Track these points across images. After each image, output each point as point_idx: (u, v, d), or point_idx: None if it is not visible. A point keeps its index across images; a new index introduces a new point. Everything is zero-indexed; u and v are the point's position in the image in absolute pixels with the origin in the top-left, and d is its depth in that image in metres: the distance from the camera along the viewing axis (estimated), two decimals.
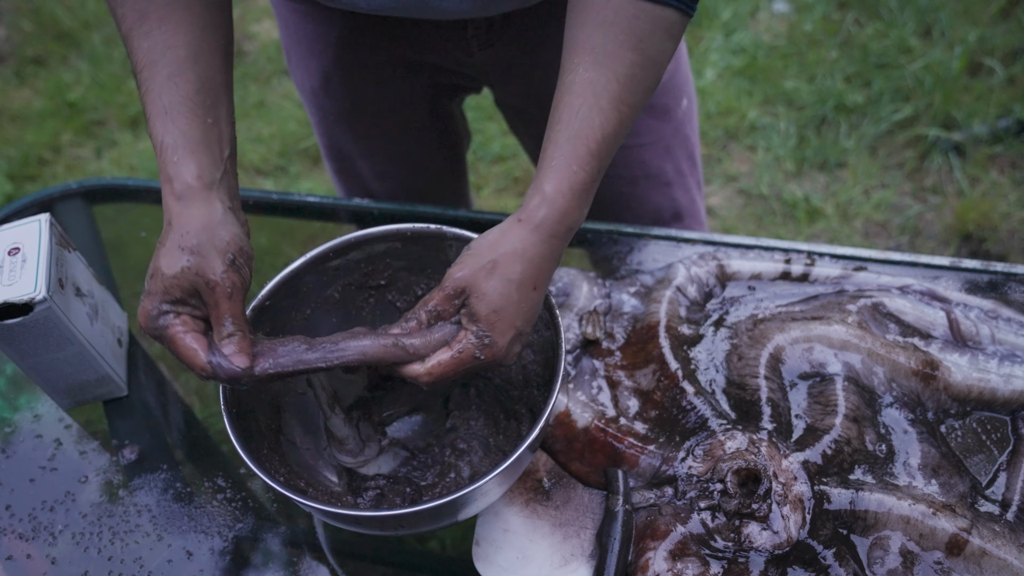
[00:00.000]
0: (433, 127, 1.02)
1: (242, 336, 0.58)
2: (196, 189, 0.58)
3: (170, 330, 0.57)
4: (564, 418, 0.72)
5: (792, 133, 1.98)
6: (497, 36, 0.85)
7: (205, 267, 0.57)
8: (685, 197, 1.03)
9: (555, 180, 0.59)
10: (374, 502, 0.71)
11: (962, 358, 0.73)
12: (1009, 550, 0.62)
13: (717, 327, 0.78)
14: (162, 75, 0.59)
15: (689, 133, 1.00)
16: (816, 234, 1.80)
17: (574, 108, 0.59)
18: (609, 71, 0.59)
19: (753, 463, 0.64)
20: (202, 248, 0.57)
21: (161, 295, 0.57)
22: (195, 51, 0.60)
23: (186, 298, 0.58)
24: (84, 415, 0.84)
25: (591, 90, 0.59)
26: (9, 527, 0.75)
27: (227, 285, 0.57)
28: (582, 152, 0.59)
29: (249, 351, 0.58)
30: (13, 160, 2.21)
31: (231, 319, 0.58)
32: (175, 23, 0.60)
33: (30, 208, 1.01)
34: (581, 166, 0.59)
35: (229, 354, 0.57)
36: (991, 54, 2.00)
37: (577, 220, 0.61)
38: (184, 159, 0.58)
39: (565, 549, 0.66)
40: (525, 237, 0.59)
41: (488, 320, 0.59)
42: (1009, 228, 1.75)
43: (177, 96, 0.59)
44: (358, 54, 0.90)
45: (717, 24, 2.23)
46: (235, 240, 0.58)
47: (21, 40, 2.56)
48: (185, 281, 0.57)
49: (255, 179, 2.11)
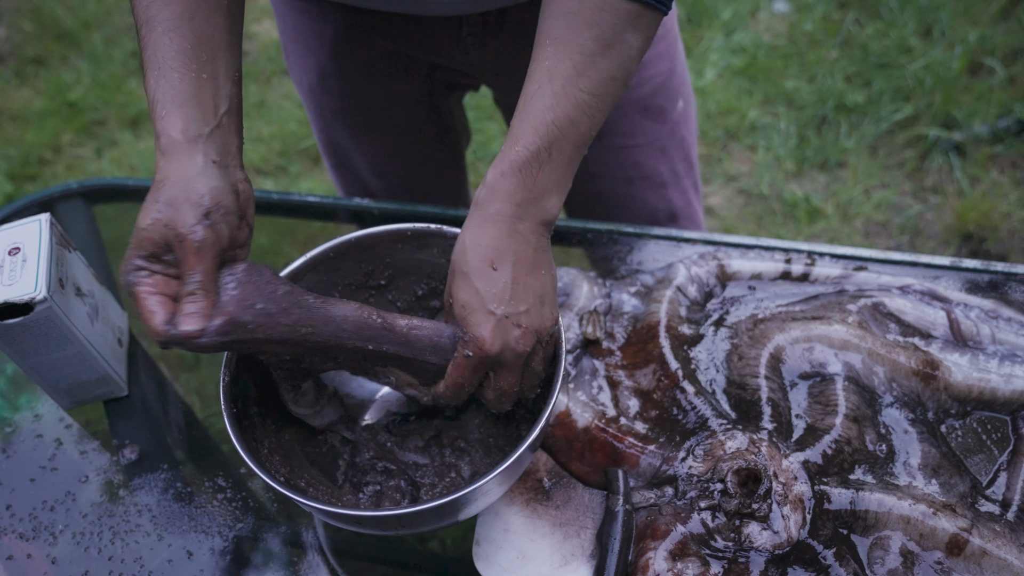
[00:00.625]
0: (431, 124, 1.02)
1: (204, 294, 0.55)
2: (179, 143, 0.57)
3: (137, 287, 0.55)
4: (564, 418, 0.72)
5: (792, 133, 1.98)
6: (492, 34, 0.85)
7: (175, 219, 0.55)
8: (681, 199, 1.03)
9: (497, 165, 0.60)
10: (374, 501, 0.71)
11: (962, 358, 0.73)
12: (1009, 550, 0.62)
13: (717, 327, 0.78)
14: (158, 31, 0.58)
15: (685, 135, 1.00)
16: (816, 234, 1.80)
17: (528, 95, 0.60)
18: (565, 57, 0.59)
19: (753, 463, 0.64)
20: (175, 200, 0.55)
21: (135, 250, 0.56)
22: (193, 8, 0.59)
23: (160, 253, 0.56)
24: (84, 415, 0.84)
25: (547, 76, 0.59)
26: (9, 527, 0.75)
27: (196, 239, 0.55)
28: (527, 131, 0.59)
29: (206, 312, 0.55)
30: (13, 160, 2.21)
31: (196, 275, 0.55)
32: None
33: (30, 208, 1.01)
34: (524, 145, 0.59)
35: (180, 315, 0.54)
36: (991, 54, 2.00)
37: (527, 198, 0.60)
38: (170, 113, 0.57)
39: (565, 549, 0.66)
40: (469, 226, 0.60)
41: (460, 316, 0.60)
42: (1009, 228, 1.75)
43: (171, 51, 0.58)
44: (354, 51, 0.90)
45: (717, 24, 2.23)
46: (213, 193, 0.56)
47: (21, 40, 2.56)
48: (156, 234, 0.55)
49: (255, 179, 2.11)
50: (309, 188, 2.04)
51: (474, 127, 2.08)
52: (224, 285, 0.57)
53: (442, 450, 0.73)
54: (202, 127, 0.58)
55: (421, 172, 1.08)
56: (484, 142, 2.08)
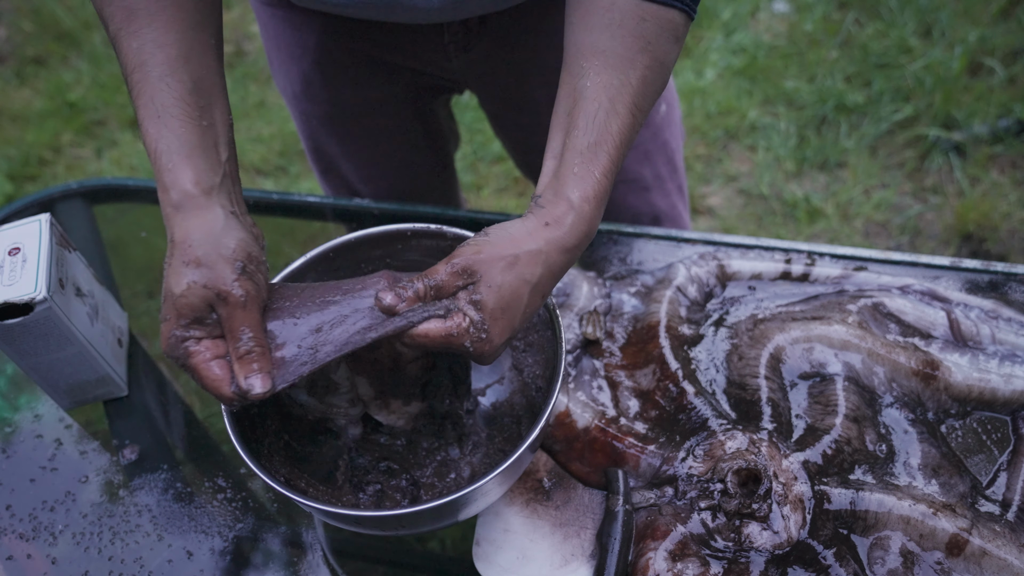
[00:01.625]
0: (417, 128, 1.02)
1: (261, 351, 0.55)
2: (194, 196, 0.55)
3: (192, 360, 0.54)
4: (564, 418, 0.72)
5: (792, 133, 1.98)
6: (474, 41, 0.85)
7: (214, 279, 0.54)
8: (664, 202, 1.03)
9: (581, 189, 0.57)
10: (375, 501, 0.71)
11: (962, 358, 0.73)
12: (1009, 550, 0.62)
13: (717, 327, 0.78)
14: (153, 76, 0.56)
15: (668, 138, 1.00)
16: (816, 234, 1.80)
17: (590, 114, 0.58)
18: (623, 75, 0.58)
19: (753, 463, 0.64)
20: (208, 259, 0.54)
21: (175, 320, 0.54)
22: (187, 50, 0.57)
23: (202, 317, 0.55)
24: (84, 415, 0.84)
25: (606, 95, 0.58)
26: (9, 527, 0.75)
27: (239, 295, 0.54)
28: (604, 160, 0.58)
29: (268, 369, 0.55)
30: (13, 160, 2.21)
31: (247, 331, 0.54)
32: (165, 21, 0.57)
33: (30, 208, 1.01)
34: (604, 174, 0.58)
35: (247, 377, 0.54)
36: (991, 54, 2.00)
37: (595, 230, 0.59)
38: (179, 165, 0.55)
39: (565, 549, 0.66)
40: (551, 241, 0.57)
41: (493, 315, 0.56)
42: (1009, 228, 1.75)
43: (170, 98, 0.56)
44: (337, 58, 0.90)
45: (717, 24, 2.24)
46: (242, 246, 0.55)
47: (21, 40, 2.56)
48: (195, 298, 0.54)
49: (255, 179, 2.11)
50: (309, 188, 2.04)
51: (474, 127, 2.08)
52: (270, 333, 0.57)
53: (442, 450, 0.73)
54: (213, 178, 0.56)
55: (409, 176, 1.08)
56: (484, 142, 2.08)
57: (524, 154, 1.04)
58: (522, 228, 0.57)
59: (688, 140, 2.02)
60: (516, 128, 0.99)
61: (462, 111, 2.09)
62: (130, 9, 0.57)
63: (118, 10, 0.57)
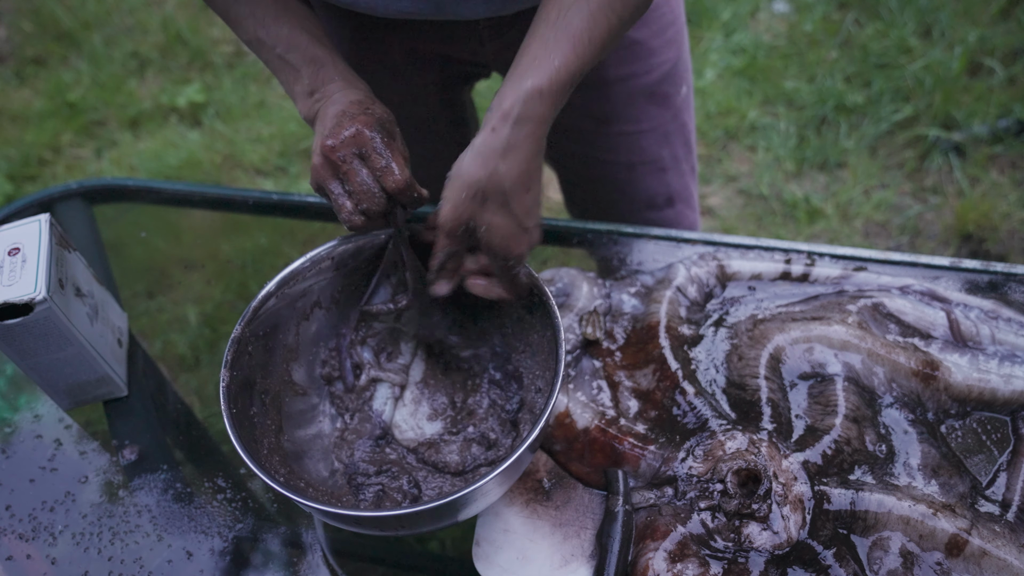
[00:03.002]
0: (443, 117, 1.02)
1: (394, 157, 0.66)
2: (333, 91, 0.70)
3: (352, 170, 0.65)
4: (564, 418, 0.72)
5: (792, 133, 1.98)
6: (508, 27, 0.86)
7: (375, 115, 0.66)
8: (679, 182, 1.04)
9: (532, 76, 0.60)
10: (374, 501, 0.70)
11: (962, 358, 0.73)
12: (1009, 550, 0.62)
13: (717, 327, 0.78)
14: (308, 47, 0.71)
15: (687, 120, 1.01)
16: (816, 234, 1.80)
17: (563, 6, 0.60)
18: None
19: (753, 463, 0.64)
20: (361, 105, 0.67)
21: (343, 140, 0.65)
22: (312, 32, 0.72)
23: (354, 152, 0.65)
24: (84, 415, 0.84)
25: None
26: (9, 527, 0.75)
27: (391, 122, 0.66)
28: (565, 49, 0.59)
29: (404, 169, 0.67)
30: (13, 160, 2.21)
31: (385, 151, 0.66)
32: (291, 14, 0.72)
33: (30, 208, 1.01)
34: (564, 65, 0.60)
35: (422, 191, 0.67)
36: (991, 54, 2.00)
37: (553, 117, 0.62)
38: (342, 74, 0.71)
39: (565, 549, 0.66)
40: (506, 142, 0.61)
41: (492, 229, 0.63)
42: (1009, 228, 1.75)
43: (324, 53, 0.71)
44: (371, 46, 0.91)
45: (717, 24, 2.24)
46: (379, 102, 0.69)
47: (21, 40, 2.56)
48: (350, 136, 0.65)
49: (255, 179, 2.11)
50: (308, 189, 2.04)
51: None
52: None
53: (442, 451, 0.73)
54: (354, 79, 0.71)
55: (433, 166, 1.08)
56: None
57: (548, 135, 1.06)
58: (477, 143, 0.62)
59: None
60: None
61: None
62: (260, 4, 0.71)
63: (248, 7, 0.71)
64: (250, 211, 1.00)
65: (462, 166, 0.62)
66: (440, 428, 0.74)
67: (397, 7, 0.75)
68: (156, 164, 2.14)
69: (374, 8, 0.76)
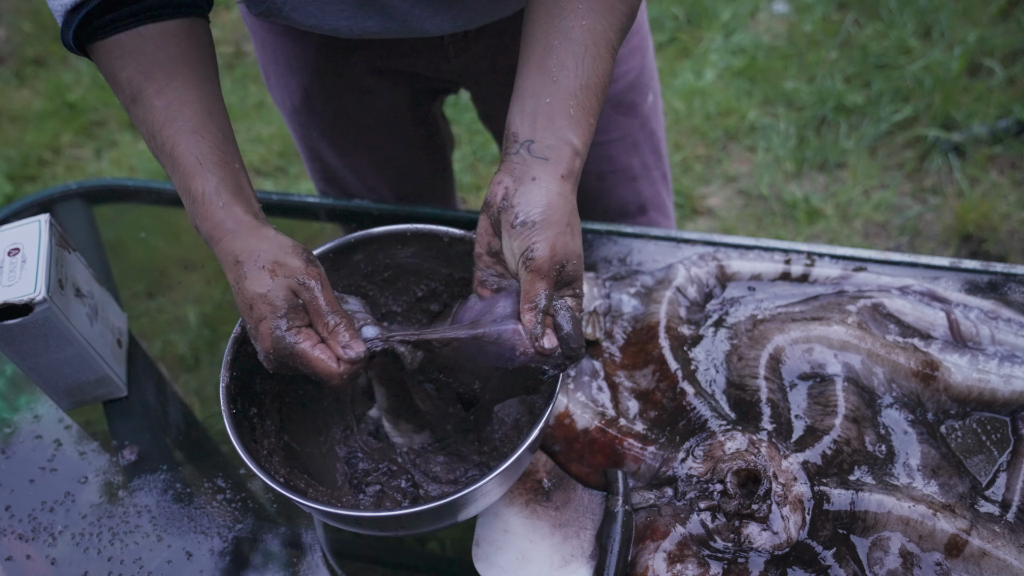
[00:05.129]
0: (416, 133, 1.02)
1: (346, 323, 0.60)
2: (250, 222, 0.62)
3: (299, 348, 0.58)
4: (564, 419, 0.72)
5: (792, 133, 1.98)
6: (472, 43, 0.86)
7: (292, 271, 0.60)
8: (650, 190, 1.04)
9: (580, 133, 0.60)
10: (374, 502, 0.70)
11: (962, 359, 0.73)
12: (1009, 551, 0.62)
13: (717, 328, 0.78)
14: (186, 130, 0.62)
15: (655, 127, 1.01)
16: (816, 234, 1.80)
17: (579, 56, 0.59)
18: (606, 20, 0.60)
19: (753, 464, 0.64)
20: (280, 257, 0.60)
21: (272, 315, 0.59)
22: (208, 105, 0.63)
23: (292, 308, 0.59)
24: (84, 416, 0.84)
25: (591, 39, 0.59)
26: (9, 528, 0.75)
27: (315, 278, 0.60)
28: (595, 104, 0.60)
29: (357, 336, 0.60)
30: (13, 161, 2.21)
31: (329, 310, 0.59)
32: (183, 79, 0.62)
33: (30, 209, 1.01)
34: (596, 118, 0.60)
35: (346, 350, 0.58)
36: (991, 55, 2.00)
37: (583, 155, 0.61)
38: (231, 202, 0.61)
39: (565, 550, 0.66)
40: (573, 191, 0.60)
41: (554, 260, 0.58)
42: (1009, 228, 1.75)
43: (206, 148, 0.62)
44: (337, 68, 0.90)
45: (717, 24, 2.24)
46: (297, 246, 0.62)
47: (21, 41, 2.56)
48: (281, 289, 0.59)
49: (255, 179, 2.11)
50: (308, 189, 2.04)
51: (474, 127, 2.08)
52: None
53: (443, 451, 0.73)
54: (255, 207, 0.63)
55: (410, 182, 1.08)
56: (484, 143, 2.08)
57: None
58: (551, 190, 0.59)
59: (688, 140, 2.03)
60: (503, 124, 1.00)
61: (461, 112, 2.09)
62: (147, 72, 0.62)
63: (135, 74, 0.62)
64: None
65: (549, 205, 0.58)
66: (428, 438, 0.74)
67: (363, 27, 0.74)
68: (156, 164, 2.14)
69: (339, 30, 0.74)
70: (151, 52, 0.62)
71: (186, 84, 0.62)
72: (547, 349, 0.57)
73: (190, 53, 0.63)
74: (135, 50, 0.62)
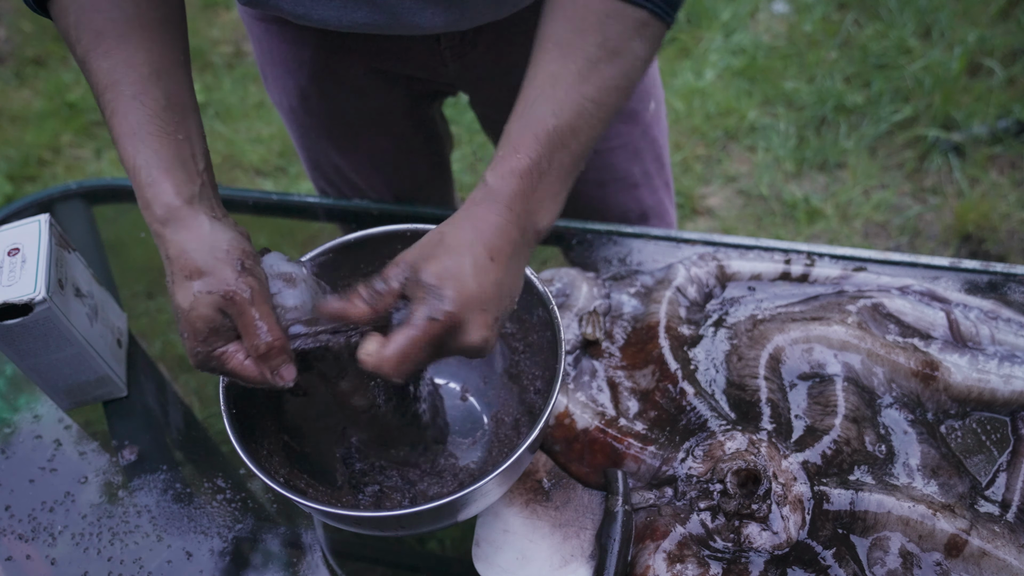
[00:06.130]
0: (415, 134, 1.02)
1: (279, 345, 0.56)
2: (178, 207, 0.56)
3: (228, 367, 0.56)
4: (564, 419, 0.72)
5: (792, 134, 1.98)
6: (470, 47, 0.85)
7: (217, 283, 0.55)
8: (652, 198, 1.04)
9: (496, 170, 0.58)
10: (374, 502, 0.70)
11: (962, 359, 0.73)
12: (1009, 551, 0.62)
13: (717, 328, 0.78)
14: (126, 95, 0.57)
15: (657, 135, 1.00)
16: (816, 234, 1.80)
17: (529, 100, 0.58)
18: (569, 62, 0.58)
19: (753, 464, 0.64)
20: (207, 265, 0.55)
21: (194, 337, 0.56)
22: (158, 68, 0.58)
23: (217, 327, 0.55)
24: (84, 416, 0.84)
25: (549, 81, 0.58)
26: (9, 528, 0.75)
27: (245, 293, 0.55)
28: (527, 138, 0.57)
29: (290, 358, 0.56)
30: (13, 161, 2.21)
31: (261, 327, 0.55)
32: (135, 41, 0.57)
33: (30, 209, 1.01)
34: (526, 152, 0.57)
35: (274, 372, 0.55)
36: (991, 55, 2.00)
37: (524, 208, 0.58)
38: (159, 179, 0.56)
39: (565, 550, 0.66)
40: (473, 214, 0.57)
41: (439, 278, 0.54)
42: (1009, 228, 1.75)
43: (144, 115, 0.57)
44: (333, 70, 0.90)
45: (717, 24, 2.24)
46: (234, 245, 0.56)
47: (21, 41, 2.55)
48: (205, 308, 0.55)
49: (255, 179, 2.11)
50: (308, 189, 2.04)
51: (473, 127, 2.08)
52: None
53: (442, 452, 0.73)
54: (192, 188, 0.57)
55: (409, 183, 1.08)
56: (484, 143, 2.08)
57: None
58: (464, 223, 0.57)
59: (688, 140, 2.03)
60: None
61: (462, 112, 2.09)
62: (98, 31, 0.57)
63: (86, 32, 0.57)
64: (250, 211, 1.00)
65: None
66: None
67: (351, 18, 0.72)
68: None
69: (327, 21, 0.72)
70: (106, 10, 0.57)
71: (138, 46, 0.57)
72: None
73: (150, 14, 0.58)
74: (90, 7, 0.57)
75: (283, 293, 0.59)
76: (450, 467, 0.72)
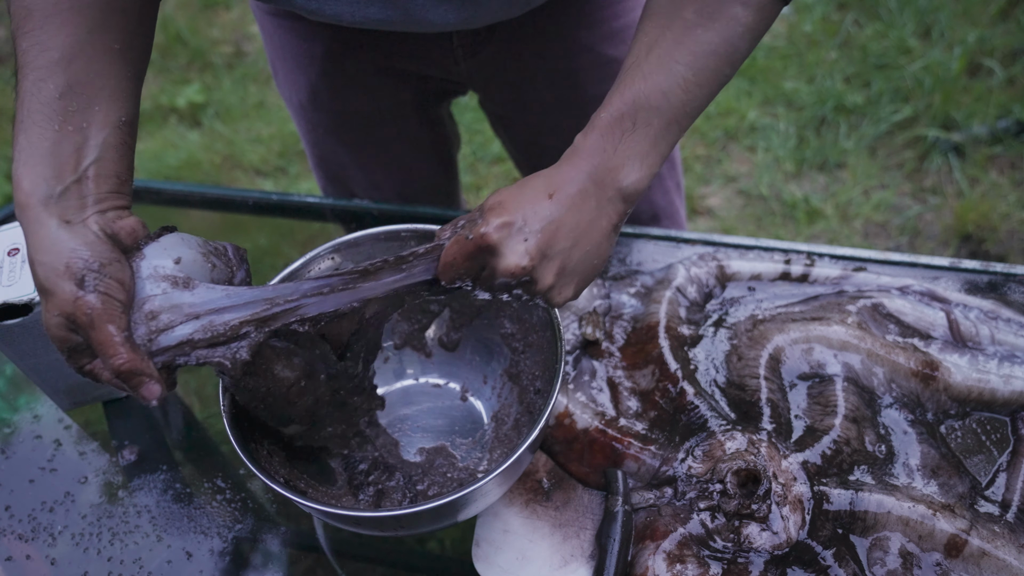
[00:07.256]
0: (423, 133, 1.02)
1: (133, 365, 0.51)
2: (30, 207, 0.52)
3: (102, 379, 0.53)
4: (564, 419, 0.72)
5: (792, 134, 1.98)
6: (482, 45, 0.85)
7: (58, 304, 0.51)
8: (663, 199, 1.04)
9: (584, 128, 0.58)
10: (374, 502, 0.70)
11: (962, 359, 0.73)
12: (1009, 551, 0.62)
13: (717, 328, 0.78)
14: (30, 79, 0.53)
15: None
16: (816, 235, 1.81)
17: (625, 67, 0.59)
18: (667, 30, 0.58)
19: (753, 464, 0.64)
20: (48, 283, 0.51)
21: (59, 346, 0.53)
22: (71, 53, 0.54)
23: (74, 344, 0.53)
24: (84, 416, 0.84)
25: (645, 50, 0.58)
26: (9, 528, 0.75)
27: (85, 312, 0.50)
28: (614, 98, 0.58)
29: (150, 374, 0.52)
30: None
31: (105, 350, 0.51)
32: (57, 24, 0.54)
33: None
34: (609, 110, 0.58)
35: (140, 391, 0.52)
36: (990, 55, 2.00)
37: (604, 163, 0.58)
38: (20, 175, 0.52)
39: (565, 550, 0.66)
40: (554, 166, 0.59)
41: (491, 205, 0.57)
42: (1008, 229, 1.75)
43: (36, 102, 0.53)
44: (344, 67, 0.90)
45: None
46: (75, 257, 0.51)
47: None
48: (56, 329, 0.52)
49: (255, 179, 2.11)
50: (308, 189, 2.04)
51: (474, 127, 2.09)
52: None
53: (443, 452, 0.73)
54: (54, 186, 0.52)
55: (415, 182, 1.08)
56: (484, 142, 2.08)
57: (529, 155, 1.04)
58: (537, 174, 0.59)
59: (688, 140, 2.03)
60: (524, 128, 0.99)
61: (461, 112, 2.09)
62: (27, 9, 0.54)
63: (17, 10, 0.55)
64: (250, 211, 1.01)
65: None
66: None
67: (364, 14, 0.71)
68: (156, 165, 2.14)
69: (340, 16, 0.71)
70: None
71: (58, 29, 0.54)
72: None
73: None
74: None
75: (164, 296, 0.53)
76: (450, 467, 0.72)
